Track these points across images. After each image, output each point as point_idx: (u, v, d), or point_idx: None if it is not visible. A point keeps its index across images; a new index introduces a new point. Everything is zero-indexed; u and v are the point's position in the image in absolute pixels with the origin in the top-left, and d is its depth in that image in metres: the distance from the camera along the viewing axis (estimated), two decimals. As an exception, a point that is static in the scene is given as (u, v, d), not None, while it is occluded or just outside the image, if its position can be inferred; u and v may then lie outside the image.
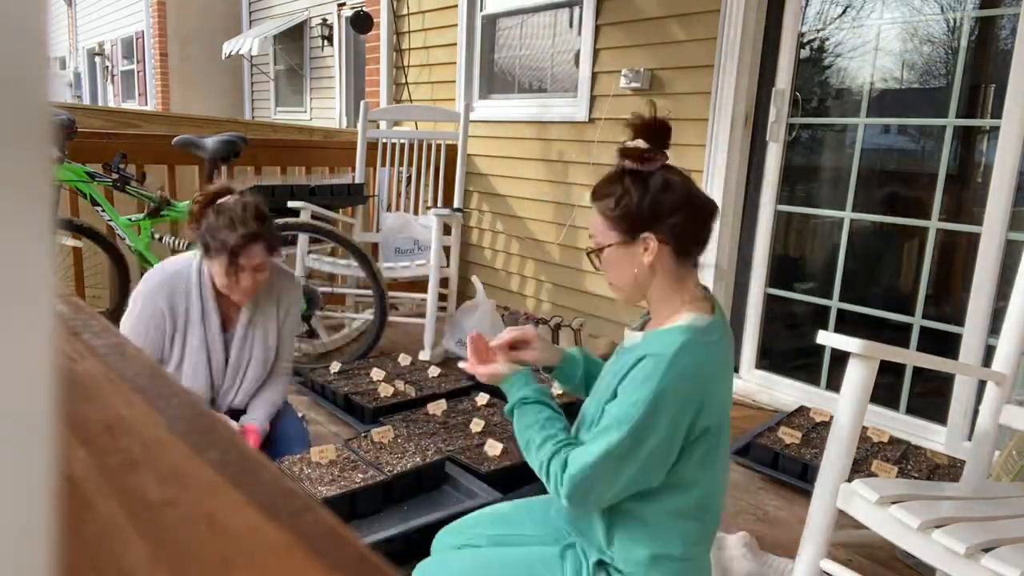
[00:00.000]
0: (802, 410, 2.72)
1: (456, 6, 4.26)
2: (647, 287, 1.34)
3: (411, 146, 4.01)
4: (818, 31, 2.95)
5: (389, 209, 4.02)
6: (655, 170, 1.29)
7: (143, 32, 10.43)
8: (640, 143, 1.31)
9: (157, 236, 3.11)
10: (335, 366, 2.99)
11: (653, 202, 1.27)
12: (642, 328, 1.41)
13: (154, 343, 2.00)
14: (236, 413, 2.14)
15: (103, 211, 2.99)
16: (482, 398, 2.69)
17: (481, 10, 4.21)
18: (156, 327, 2.00)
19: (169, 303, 2.00)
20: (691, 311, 1.30)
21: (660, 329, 1.31)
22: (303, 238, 3.32)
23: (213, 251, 1.95)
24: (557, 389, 2.77)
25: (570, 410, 2.70)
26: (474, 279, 3.61)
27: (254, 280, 2.00)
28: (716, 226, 1.32)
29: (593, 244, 1.36)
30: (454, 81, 4.35)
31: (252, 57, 9.08)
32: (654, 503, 1.31)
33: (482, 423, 2.42)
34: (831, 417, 1.77)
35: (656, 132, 1.32)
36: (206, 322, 2.04)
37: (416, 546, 1.72)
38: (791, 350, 3.19)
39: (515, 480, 2.15)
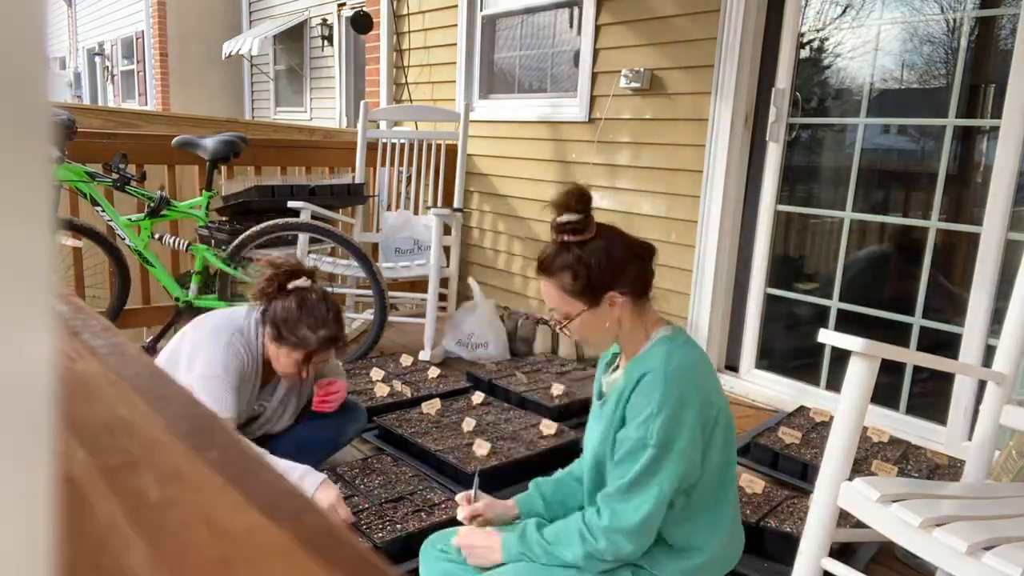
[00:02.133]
0: (802, 410, 2.72)
1: (456, 6, 4.26)
2: (620, 334, 1.46)
3: (411, 146, 4.01)
4: (818, 31, 2.95)
5: (389, 209, 4.02)
6: (595, 236, 1.39)
7: (143, 32, 10.43)
8: (570, 216, 1.38)
9: (157, 236, 3.11)
10: (335, 366, 2.99)
11: (607, 266, 1.38)
12: (616, 368, 1.52)
13: (240, 388, 1.95)
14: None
15: (103, 211, 2.99)
16: (477, 397, 2.69)
17: (481, 10, 4.21)
18: (240, 372, 1.95)
19: (246, 349, 1.97)
20: (656, 329, 1.44)
21: (640, 353, 1.42)
22: (303, 238, 3.32)
23: (285, 341, 1.92)
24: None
25: (568, 409, 2.70)
26: (471, 281, 3.61)
27: (313, 372, 2.01)
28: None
29: (559, 316, 1.45)
30: (454, 81, 4.35)
31: (252, 57, 9.08)
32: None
33: (473, 422, 2.42)
34: (831, 417, 1.77)
35: (579, 200, 1.39)
36: (255, 381, 2.04)
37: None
38: (791, 350, 3.19)
39: (502, 479, 2.15)
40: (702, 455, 1.35)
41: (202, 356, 1.95)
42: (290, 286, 1.94)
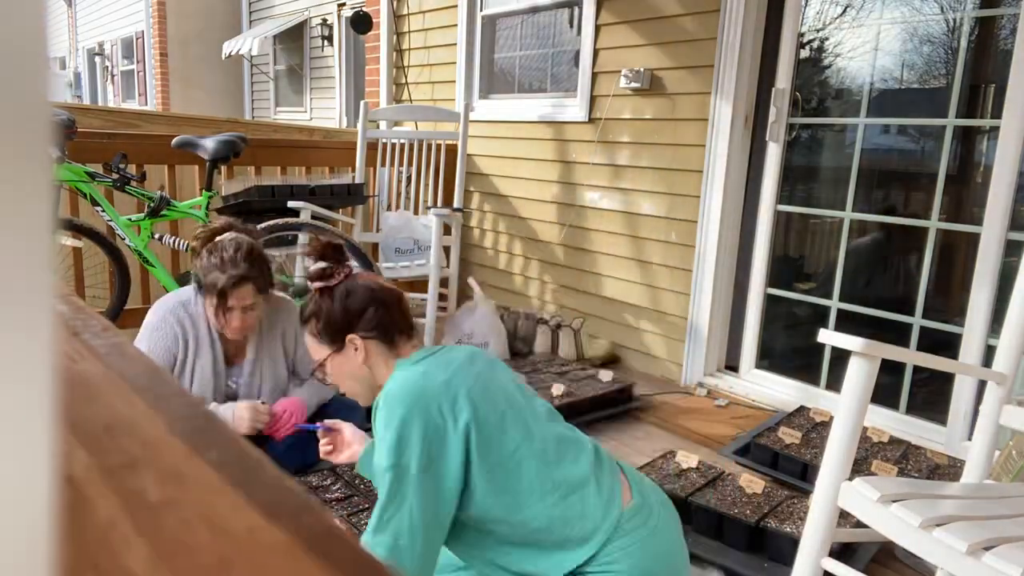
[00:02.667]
0: (802, 410, 2.72)
1: (456, 6, 4.26)
2: (373, 379, 1.46)
3: (411, 146, 4.01)
4: (818, 31, 2.95)
5: (389, 209, 4.02)
6: (339, 283, 1.44)
7: (143, 32, 10.43)
8: (321, 264, 1.45)
9: (157, 236, 3.11)
10: (335, 366, 2.99)
11: (344, 310, 1.43)
12: None
13: (166, 365, 2.01)
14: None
15: (103, 211, 2.99)
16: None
17: (481, 10, 4.21)
18: (168, 349, 2.01)
19: (181, 327, 2.02)
20: (392, 368, 1.43)
21: (383, 393, 1.38)
22: (303, 238, 3.32)
23: (205, 290, 1.98)
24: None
25: (569, 409, 2.70)
26: (471, 281, 3.61)
27: (243, 320, 2.02)
28: (408, 308, 1.50)
29: (316, 361, 1.50)
30: (454, 81, 4.35)
31: (252, 57, 9.08)
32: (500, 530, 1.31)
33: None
34: (831, 417, 1.77)
35: (332, 249, 1.46)
36: (213, 351, 2.08)
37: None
38: (791, 350, 3.19)
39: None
40: (467, 468, 1.27)
41: (143, 330, 2.03)
42: (216, 240, 2.02)
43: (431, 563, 1.29)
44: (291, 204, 3.27)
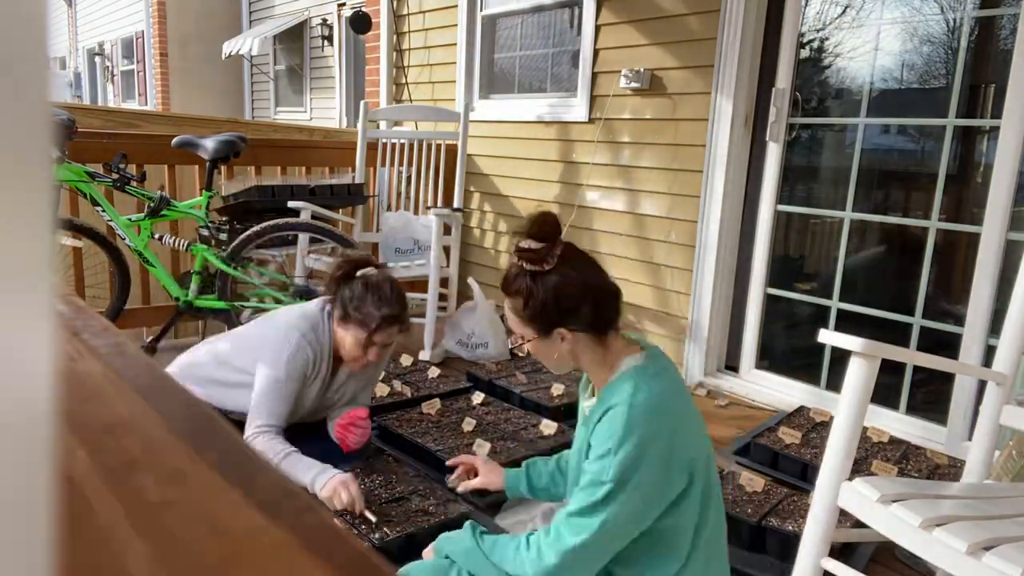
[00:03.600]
0: (802, 410, 2.72)
1: (456, 6, 4.26)
2: (574, 364, 1.44)
3: (411, 146, 4.01)
4: (818, 31, 2.95)
5: (389, 209, 4.02)
6: (552, 268, 1.36)
7: (143, 32, 10.43)
8: (532, 243, 1.38)
9: (157, 236, 3.11)
10: (335, 366, 2.99)
11: (556, 302, 1.36)
12: (593, 394, 1.49)
13: (299, 387, 2.06)
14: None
15: (103, 211, 2.99)
16: (477, 397, 2.69)
17: (481, 10, 4.21)
18: (303, 373, 2.05)
19: (313, 352, 2.06)
20: (624, 358, 1.39)
21: (608, 384, 1.38)
22: (303, 238, 3.32)
23: (353, 321, 2.02)
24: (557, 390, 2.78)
25: (569, 410, 2.70)
26: (470, 281, 3.61)
27: (379, 356, 2.09)
28: (622, 303, 1.43)
29: (516, 335, 1.46)
30: (454, 81, 4.35)
31: (252, 57, 9.08)
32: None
33: (474, 422, 2.42)
34: (831, 417, 1.77)
35: (542, 228, 1.39)
36: (326, 375, 2.14)
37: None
38: (791, 350, 3.19)
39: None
40: (672, 503, 1.32)
41: (270, 351, 2.04)
42: (358, 274, 2.06)
43: (588, 565, 1.32)
44: (291, 204, 3.27)
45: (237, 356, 2.12)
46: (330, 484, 1.83)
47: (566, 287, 1.36)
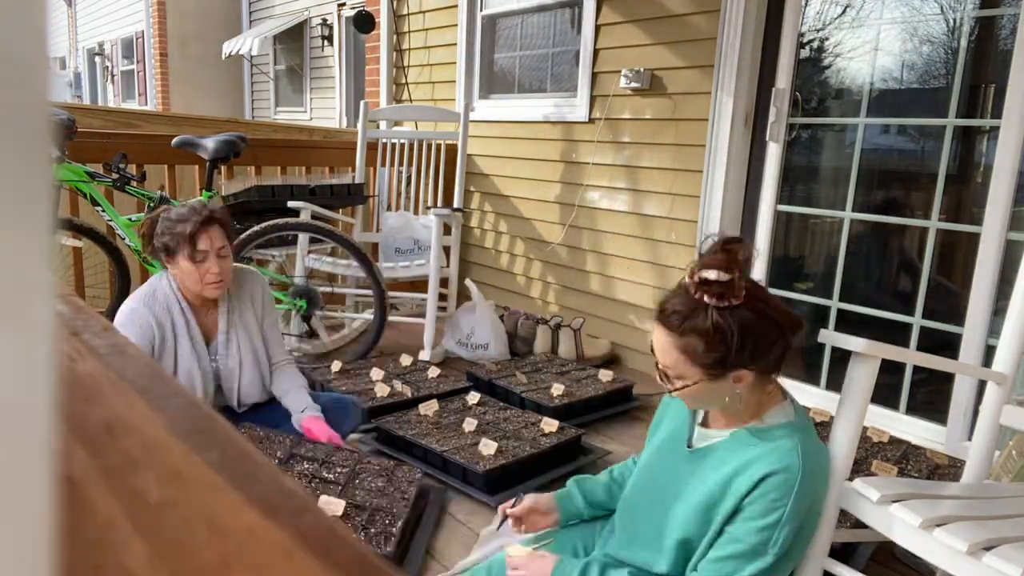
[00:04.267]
0: (802, 410, 2.72)
1: (456, 6, 4.26)
2: (725, 403, 1.30)
3: (411, 146, 4.01)
4: (818, 31, 2.95)
5: (389, 209, 4.02)
6: (740, 303, 1.19)
7: (143, 32, 10.43)
8: (719, 275, 1.17)
9: (157, 236, 3.11)
10: (336, 365, 2.99)
11: (750, 345, 1.20)
12: (705, 422, 1.37)
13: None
14: (236, 415, 2.18)
15: (103, 211, 2.99)
16: (473, 397, 2.68)
17: (481, 10, 4.21)
18: (141, 337, 2.03)
19: (156, 317, 2.05)
20: (771, 404, 1.29)
21: (758, 426, 1.27)
22: (303, 238, 3.32)
23: (174, 248, 2.02)
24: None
25: (569, 409, 2.69)
26: (468, 282, 3.61)
27: (220, 267, 2.05)
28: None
29: (671, 375, 1.26)
30: (454, 81, 4.35)
31: (252, 57, 9.08)
32: None
33: (475, 422, 2.42)
34: (831, 417, 1.77)
35: (733, 256, 1.19)
36: (191, 333, 2.10)
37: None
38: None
39: (510, 479, 2.16)
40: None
41: None
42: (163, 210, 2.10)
43: None
44: (291, 204, 3.27)
45: None
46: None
47: (761, 324, 1.21)
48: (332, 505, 1.78)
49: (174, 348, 2.07)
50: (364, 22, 4.89)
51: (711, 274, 1.18)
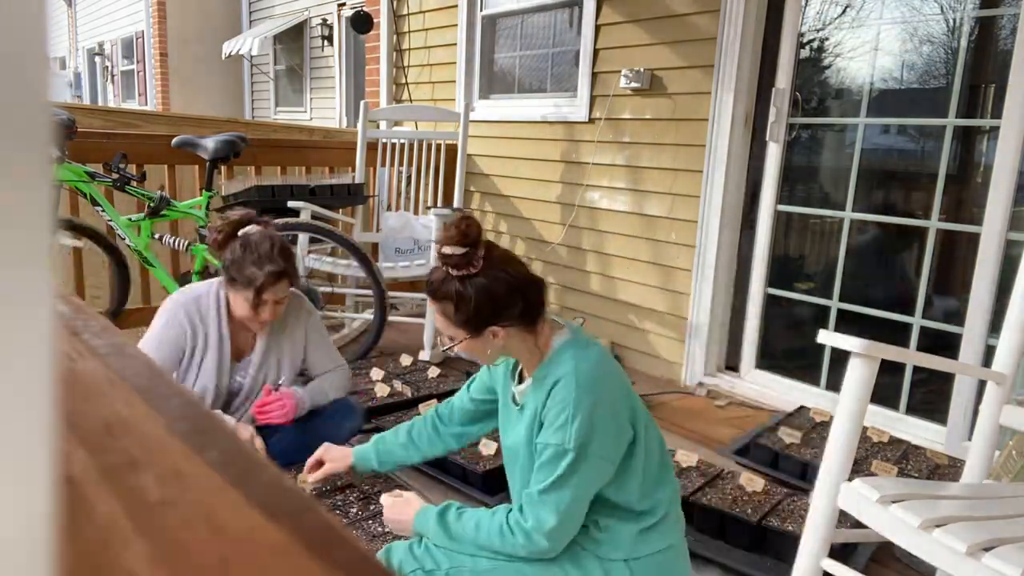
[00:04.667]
0: (802, 410, 2.72)
1: (456, 6, 4.26)
2: (507, 353, 1.50)
3: (411, 146, 4.01)
4: (818, 31, 2.95)
5: (389, 209, 4.02)
6: (478, 271, 1.39)
7: (143, 32, 10.43)
8: (452, 250, 1.39)
9: (157, 236, 3.11)
10: (335, 366, 2.99)
11: (487, 304, 1.40)
12: (521, 379, 1.55)
13: (170, 360, 2.04)
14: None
15: (103, 211, 2.99)
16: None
17: (481, 10, 4.21)
18: (175, 343, 2.03)
19: (191, 323, 2.04)
20: (552, 338, 1.46)
21: (545, 362, 1.45)
22: (303, 238, 3.32)
23: (239, 284, 1.99)
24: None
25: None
26: None
27: (273, 313, 2.06)
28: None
29: (445, 336, 1.49)
30: (454, 81, 4.35)
31: (252, 57, 9.08)
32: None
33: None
34: (831, 417, 1.77)
35: (464, 233, 1.40)
36: (221, 348, 2.09)
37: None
38: (791, 350, 3.19)
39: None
40: (634, 449, 1.42)
41: (147, 333, 2.04)
42: (239, 234, 2.03)
43: (572, 531, 1.40)
44: (291, 204, 3.27)
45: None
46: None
47: (494, 288, 1.39)
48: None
49: (201, 360, 2.07)
50: (362, 22, 4.89)
51: (448, 249, 1.39)
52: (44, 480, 0.20)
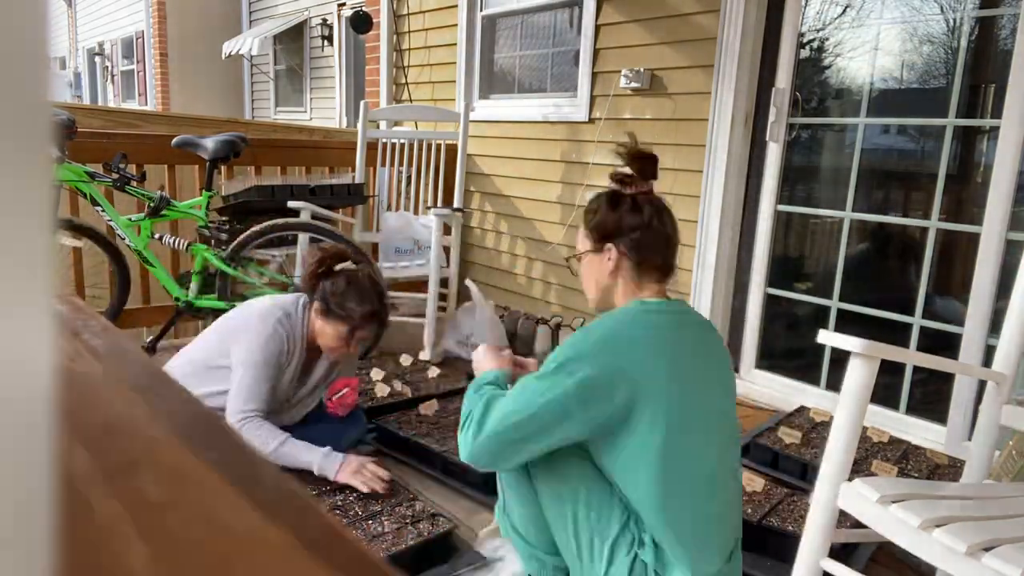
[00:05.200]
0: (802, 410, 2.72)
1: (456, 6, 4.26)
2: (611, 294, 1.52)
3: (411, 146, 4.01)
4: (818, 31, 2.95)
5: (389, 209, 4.02)
6: (632, 194, 1.49)
7: (143, 32, 10.43)
8: (626, 170, 1.51)
9: (157, 236, 3.11)
10: (335, 366, 2.99)
11: (618, 218, 1.48)
12: None
13: (275, 370, 2.05)
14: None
15: (103, 211, 2.99)
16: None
17: (481, 10, 4.21)
18: (279, 355, 2.06)
19: (287, 336, 2.07)
20: (638, 297, 1.48)
21: (604, 312, 1.50)
22: (303, 238, 3.32)
23: (333, 315, 2.04)
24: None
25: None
26: (468, 283, 3.60)
27: (357, 347, 2.13)
28: (677, 255, 1.52)
29: (576, 252, 1.57)
30: (454, 81, 4.35)
31: (252, 57, 9.08)
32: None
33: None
34: (831, 417, 1.77)
35: (643, 161, 1.53)
36: (299, 363, 2.13)
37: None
38: (791, 350, 3.19)
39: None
40: (630, 425, 1.35)
41: (244, 340, 2.03)
42: (338, 268, 2.08)
43: (497, 454, 1.40)
44: (291, 204, 3.27)
45: (220, 345, 2.10)
46: (346, 469, 1.92)
47: (633, 210, 1.47)
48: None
49: (284, 372, 2.10)
50: (361, 22, 4.89)
51: (622, 169, 1.53)
52: (44, 480, 0.20)
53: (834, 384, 2.85)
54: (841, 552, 1.75)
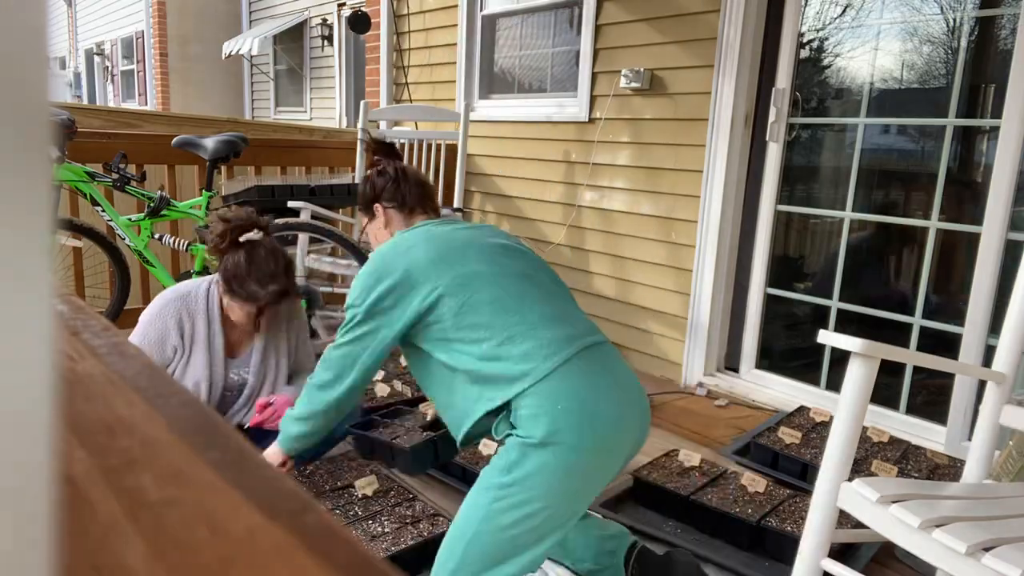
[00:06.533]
0: (802, 410, 2.72)
1: (456, 6, 4.26)
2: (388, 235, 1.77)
3: (411, 146, 4.01)
4: (818, 31, 2.95)
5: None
6: (380, 170, 1.81)
7: (143, 32, 10.43)
8: (375, 158, 1.86)
9: (157, 236, 3.11)
10: (335, 366, 2.99)
11: (372, 186, 1.79)
12: None
13: (155, 357, 2.02)
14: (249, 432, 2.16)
15: (103, 211, 2.99)
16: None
17: (481, 10, 4.21)
18: (158, 342, 2.02)
19: (177, 320, 2.02)
20: (418, 220, 1.75)
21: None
22: (303, 238, 3.31)
23: (239, 297, 1.97)
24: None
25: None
26: None
27: (268, 320, 2.08)
28: (436, 196, 1.85)
29: (361, 228, 1.86)
30: (454, 81, 4.35)
31: (252, 57, 9.07)
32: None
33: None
34: (831, 417, 1.77)
35: (384, 147, 1.90)
36: (211, 346, 2.07)
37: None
38: (791, 350, 3.19)
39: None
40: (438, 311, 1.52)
41: (135, 331, 2.04)
42: (242, 239, 1.98)
43: (356, 381, 1.66)
44: (291, 204, 3.27)
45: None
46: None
47: (379, 175, 1.79)
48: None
49: (187, 358, 2.06)
50: (360, 23, 4.89)
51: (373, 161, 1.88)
52: (44, 480, 0.20)
53: (834, 384, 2.85)
54: (841, 552, 1.75)
